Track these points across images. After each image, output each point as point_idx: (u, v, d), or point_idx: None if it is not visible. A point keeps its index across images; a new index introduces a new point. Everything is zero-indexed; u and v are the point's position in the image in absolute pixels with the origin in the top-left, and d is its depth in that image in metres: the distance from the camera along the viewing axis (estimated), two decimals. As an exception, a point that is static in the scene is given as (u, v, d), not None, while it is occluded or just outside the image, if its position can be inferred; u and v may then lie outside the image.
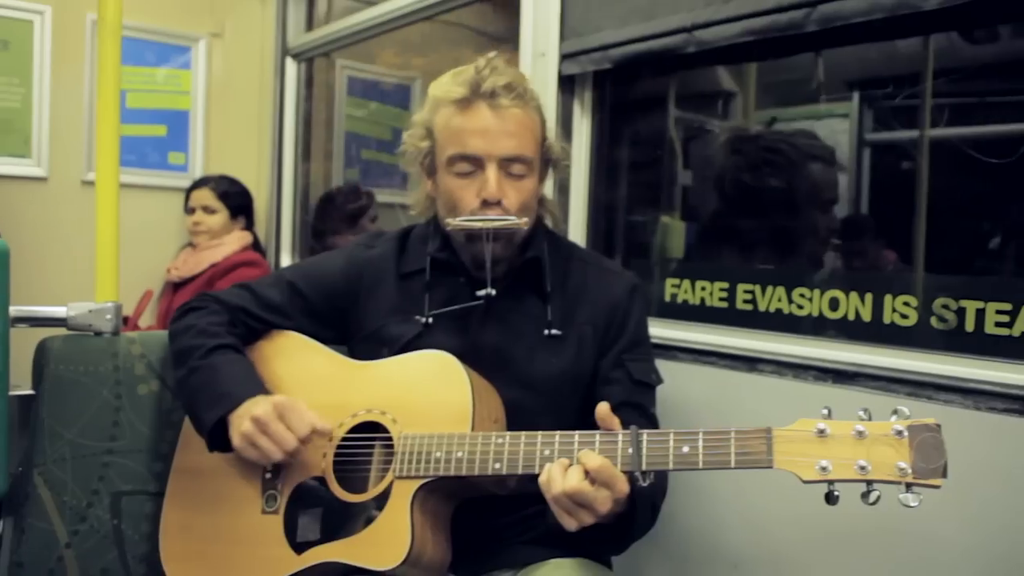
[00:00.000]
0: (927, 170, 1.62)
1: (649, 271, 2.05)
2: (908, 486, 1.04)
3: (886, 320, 1.52)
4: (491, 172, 1.43)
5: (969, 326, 1.41)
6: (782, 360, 1.60)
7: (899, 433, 1.06)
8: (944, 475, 1.03)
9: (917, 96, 1.64)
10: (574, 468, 1.19)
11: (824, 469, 1.07)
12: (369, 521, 1.34)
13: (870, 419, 1.08)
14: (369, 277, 1.59)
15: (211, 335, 1.50)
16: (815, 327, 1.62)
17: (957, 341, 1.42)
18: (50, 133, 3.14)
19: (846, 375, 1.50)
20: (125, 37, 3.22)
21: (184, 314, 1.58)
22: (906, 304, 1.50)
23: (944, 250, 1.57)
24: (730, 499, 1.67)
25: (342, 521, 1.37)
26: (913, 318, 1.49)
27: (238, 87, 3.55)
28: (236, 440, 1.38)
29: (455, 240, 1.52)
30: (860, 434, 1.07)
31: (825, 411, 1.10)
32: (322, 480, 1.41)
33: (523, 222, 1.44)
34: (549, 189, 2.02)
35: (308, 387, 1.50)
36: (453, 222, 1.45)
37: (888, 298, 1.52)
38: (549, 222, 1.64)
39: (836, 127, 1.83)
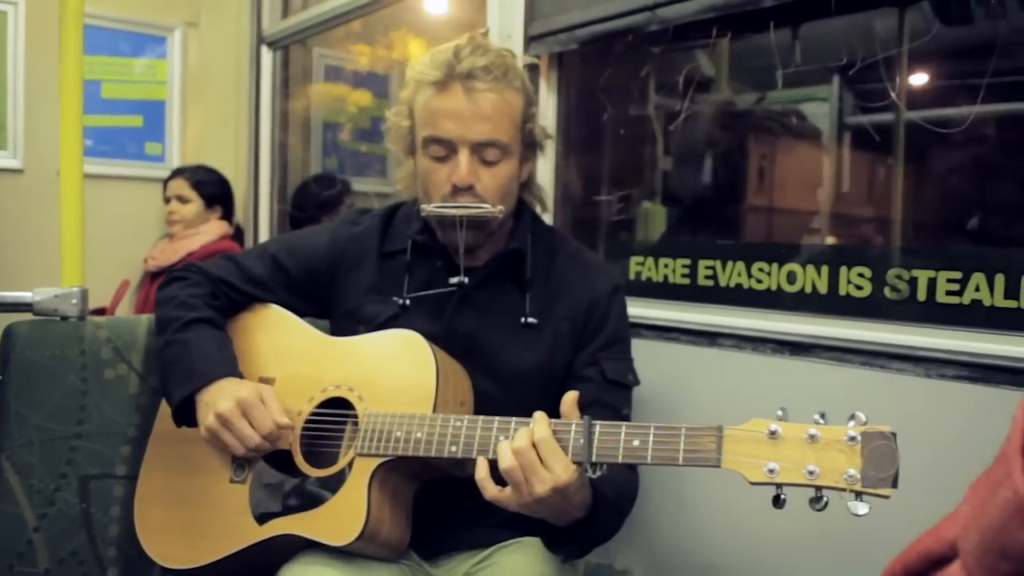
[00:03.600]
0: (896, 148, 1.63)
1: (615, 250, 2.06)
2: (857, 494, 1.01)
3: (841, 292, 1.53)
4: (463, 157, 1.40)
5: (921, 296, 1.43)
6: (741, 334, 1.62)
7: (852, 439, 1.02)
8: (894, 485, 0.99)
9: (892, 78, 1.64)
10: (523, 430, 1.19)
11: (772, 472, 1.04)
12: (328, 496, 1.35)
13: (825, 422, 1.05)
14: (351, 254, 1.58)
15: (190, 307, 1.50)
16: (774, 301, 1.64)
17: (910, 311, 1.44)
18: (25, 125, 3.14)
19: (802, 347, 1.52)
20: (100, 27, 3.23)
21: (169, 283, 1.58)
22: (860, 276, 1.52)
23: (896, 220, 1.59)
24: (697, 483, 1.68)
25: (304, 495, 1.39)
26: (868, 289, 1.50)
27: (214, 76, 3.55)
28: (201, 431, 1.39)
29: (432, 225, 1.51)
30: (813, 438, 1.03)
31: (780, 412, 1.08)
32: (288, 453, 1.42)
33: (497, 210, 1.42)
34: (542, 170, 2.03)
35: (282, 360, 1.51)
36: (427, 208, 1.44)
37: (843, 270, 1.53)
38: (537, 208, 1.61)
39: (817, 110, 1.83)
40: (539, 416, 1.20)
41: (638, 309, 1.81)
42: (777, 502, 1.06)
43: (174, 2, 3.47)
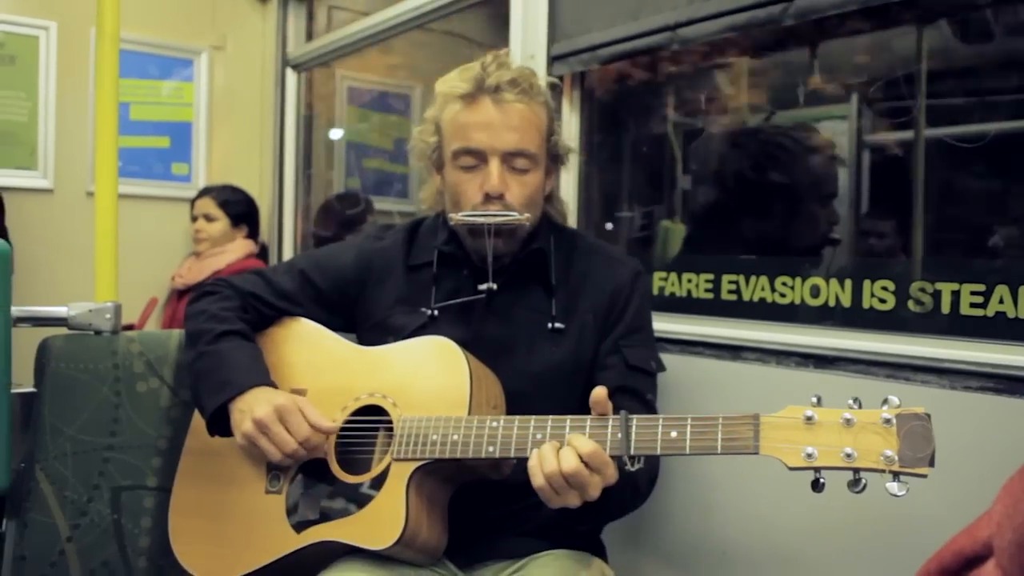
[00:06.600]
0: (916, 164, 1.65)
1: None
2: (894, 475, 1.03)
3: (865, 305, 1.54)
4: (494, 166, 1.45)
5: (945, 308, 1.44)
6: (765, 348, 1.62)
7: (887, 422, 1.04)
8: (931, 464, 1.01)
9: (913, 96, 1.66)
10: (568, 450, 1.19)
11: (810, 456, 1.06)
12: (367, 502, 1.37)
13: (860, 407, 1.08)
14: (378, 268, 1.62)
15: (221, 320, 1.53)
16: (798, 315, 1.65)
17: (934, 323, 1.45)
18: (56, 146, 3.20)
19: (827, 360, 1.52)
20: (129, 51, 3.30)
21: (199, 298, 1.61)
22: (884, 289, 1.52)
23: (918, 235, 1.60)
24: (723, 490, 1.69)
25: (341, 501, 1.40)
26: (891, 302, 1.51)
27: (240, 98, 3.61)
28: (238, 437, 1.42)
29: (460, 234, 1.55)
30: (848, 422, 1.06)
31: (815, 399, 1.10)
32: (324, 461, 1.44)
33: (525, 218, 1.46)
34: (566, 185, 2.07)
35: (315, 371, 1.54)
36: (456, 217, 1.48)
37: (867, 283, 1.54)
38: (557, 219, 1.65)
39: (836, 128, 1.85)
40: (574, 436, 1.21)
41: (662, 324, 1.82)
42: (816, 486, 1.08)
43: (201, 26, 3.54)
